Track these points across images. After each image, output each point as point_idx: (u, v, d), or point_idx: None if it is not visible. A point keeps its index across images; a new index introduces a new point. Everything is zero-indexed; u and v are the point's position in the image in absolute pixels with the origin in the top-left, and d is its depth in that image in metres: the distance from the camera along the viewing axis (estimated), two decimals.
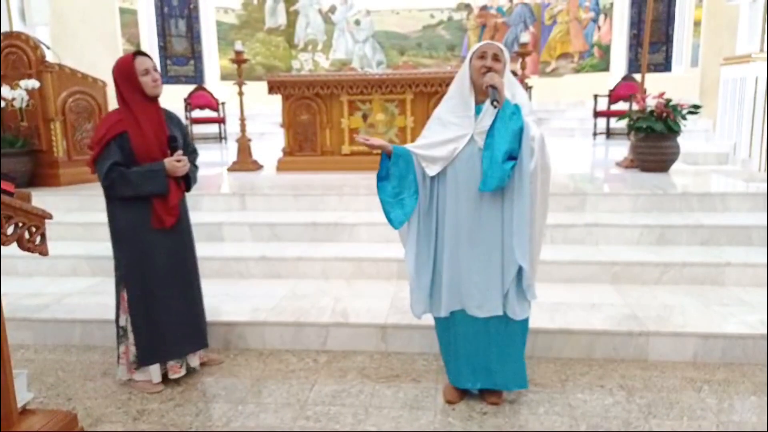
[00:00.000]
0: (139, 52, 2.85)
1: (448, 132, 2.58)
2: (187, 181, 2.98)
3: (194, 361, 3.12)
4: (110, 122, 2.78)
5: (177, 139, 2.89)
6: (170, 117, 2.96)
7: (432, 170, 2.61)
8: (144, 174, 2.77)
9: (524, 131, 2.42)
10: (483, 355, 2.70)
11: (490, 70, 2.49)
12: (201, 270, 4.13)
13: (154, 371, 2.96)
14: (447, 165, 2.59)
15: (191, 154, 3.04)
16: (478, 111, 2.55)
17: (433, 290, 2.73)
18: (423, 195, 2.67)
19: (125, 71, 2.77)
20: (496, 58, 2.53)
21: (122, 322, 2.95)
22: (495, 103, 2.41)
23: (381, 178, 2.66)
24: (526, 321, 2.72)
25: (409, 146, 2.68)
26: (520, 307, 2.61)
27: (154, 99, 2.83)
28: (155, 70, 2.81)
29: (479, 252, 2.59)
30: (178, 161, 2.83)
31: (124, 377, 3.01)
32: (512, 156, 2.42)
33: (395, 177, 2.64)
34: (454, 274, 2.64)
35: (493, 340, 2.67)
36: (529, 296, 2.62)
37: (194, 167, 3.05)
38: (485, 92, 2.49)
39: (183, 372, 3.04)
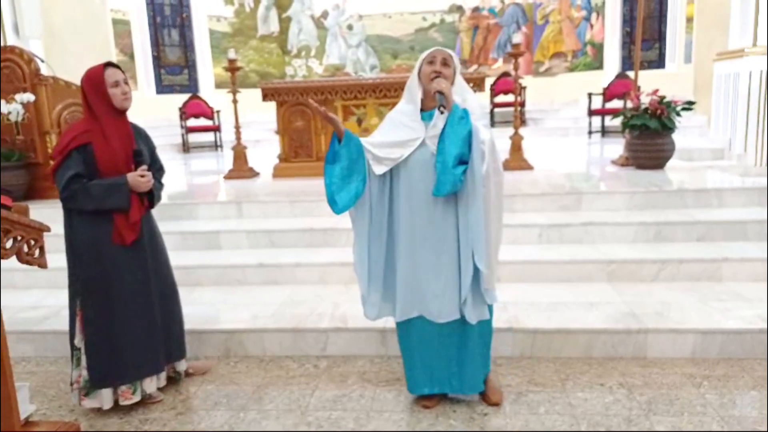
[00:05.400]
0: (111, 64, 2.77)
1: (399, 133, 2.57)
2: (151, 197, 2.86)
3: (150, 386, 2.88)
4: (75, 132, 2.69)
5: (142, 153, 2.78)
6: (138, 132, 2.87)
7: (378, 170, 2.59)
8: (106, 187, 2.66)
9: (473, 135, 2.42)
10: (441, 358, 2.69)
11: (439, 75, 2.50)
12: (199, 278, 4.19)
13: (106, 396, 2.78)
14: (400, 168, 2.58)
15: (158, 171, 2.94)
16: (429, 117, 2.55)
17: (388, 294, 2.72)
18: (374, 191, 2.62)
19: (94, 82, 2.68)
20: (446, 63, 2.54)
21: (77, 343, 2.78)
22: (442, 108, 2.43)
23: (329, 161, 2.61)
24: (486, 324, 2.69)
25: (361, 140, 2.63)
26: (476, 311, 2.60)
27: (122, 112, 2.75)
28: (126, 83, 2.74)
29: (435, 257, 2.57)
30: (142, 176, 2.72)
31: (77, 403, 2.85)
32: (463, 160, 2.42)
33: (345, 158, 2.58)
34: (411, 280, 2.63)
35: (451, 343, 2.66)
36: (488, 300, 2.61)
37: (159, 184, 2.93)
38: (434, 97, 2.49)
39: (136, 398, 2.83)
